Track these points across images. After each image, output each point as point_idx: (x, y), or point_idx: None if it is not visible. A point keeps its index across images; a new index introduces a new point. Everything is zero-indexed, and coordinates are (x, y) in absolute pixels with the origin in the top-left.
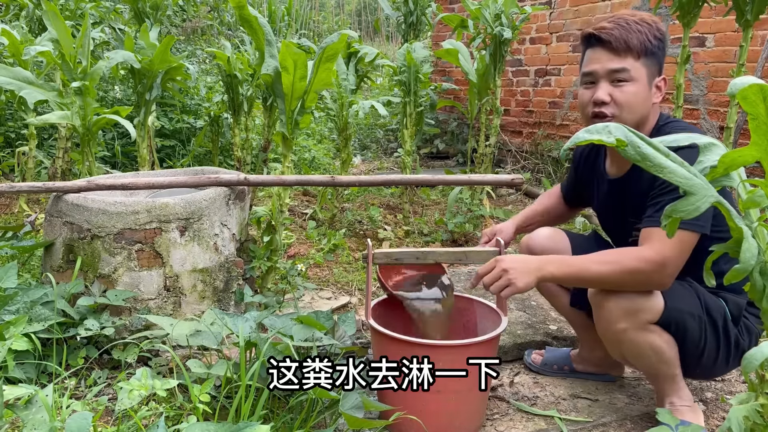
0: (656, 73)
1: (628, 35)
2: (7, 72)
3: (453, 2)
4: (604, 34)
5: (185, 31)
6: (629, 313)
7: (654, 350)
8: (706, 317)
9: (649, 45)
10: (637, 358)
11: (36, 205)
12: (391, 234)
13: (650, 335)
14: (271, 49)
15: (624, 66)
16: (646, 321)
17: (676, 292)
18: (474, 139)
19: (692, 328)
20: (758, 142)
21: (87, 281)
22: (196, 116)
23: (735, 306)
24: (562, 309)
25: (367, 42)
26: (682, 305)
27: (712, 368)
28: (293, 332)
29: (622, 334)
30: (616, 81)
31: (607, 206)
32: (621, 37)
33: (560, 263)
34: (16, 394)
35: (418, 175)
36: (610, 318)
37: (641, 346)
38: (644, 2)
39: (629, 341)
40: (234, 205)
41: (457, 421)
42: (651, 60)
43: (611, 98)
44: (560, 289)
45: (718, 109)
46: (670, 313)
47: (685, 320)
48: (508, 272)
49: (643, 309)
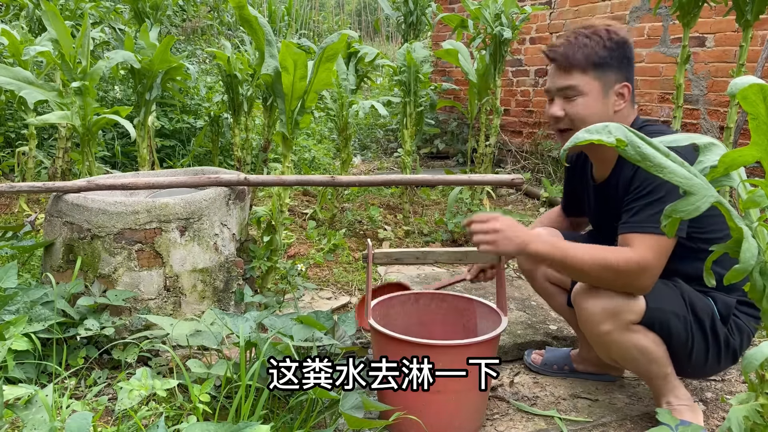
0: (615, 81)
1: (571, 52)
2: (7, 72)
3: (453, 2)
4: (551, 53)
5: (185, 31)
6: (611, 315)
7: (640, 350)
8: (691, 317)
9: (597, 58)
10: (626, 360)
11: (36, 205)
12: (391, 234)
13: (635, 335)
14: (271, 49)
15: (570, 83)
16: (628, 321)
17: (659, 292)
18: (474, 139)
19: (677, 328)
20: (758, 141)
21: (87, 281)
22: (196, 116)
23: (724, 305)
24: (559, 308)
25: (367, 42)
26: (665, 305)
27: (703, 367)
28: (293, 332)
29: (607, 336)
30: (567, 97)
31: (596, 212)
32: (565, 53)
33: (547, 244)
34: (16, 394)
35: (418, 175)
36: (592, 320)
37: (627, 347)
38: (644, 2)
39: (615, 343)
40: (234, 205)
41: (457, 421)
42: (603, 71)
43: (565, 113)
44: (557, 289)
45: (718, 109)
46: (652, 313)
47: (669, 320)
48: (497, 232)
49: (625, 310)
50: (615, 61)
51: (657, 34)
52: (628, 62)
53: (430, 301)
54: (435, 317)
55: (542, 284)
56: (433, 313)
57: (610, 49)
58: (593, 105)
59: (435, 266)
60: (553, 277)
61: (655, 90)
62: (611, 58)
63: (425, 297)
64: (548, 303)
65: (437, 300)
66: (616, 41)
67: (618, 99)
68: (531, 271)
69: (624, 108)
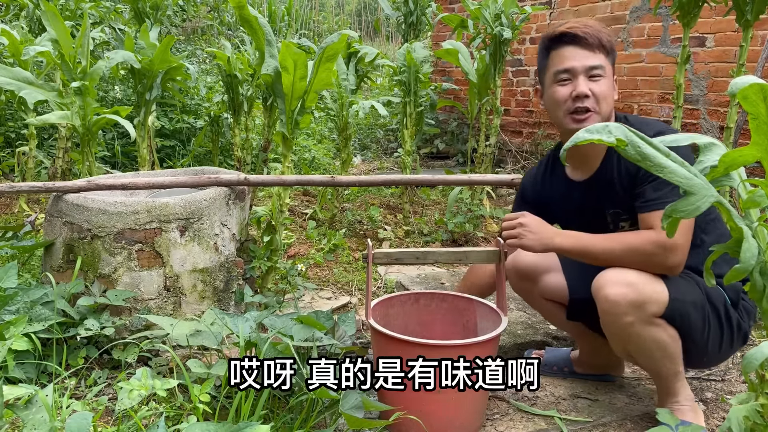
0: (613, 68)
1: (599, 33)
2: (7, 72)
3: (453, 2)
4: (580, 32)
5: (185, 31)
6: (635, 306)
7: (658, 345)
8: (708, 306)
9: (610, 45)
10: (642, 354)
11: (36, 205)
12: (391, 234)
13: (656, 329)
14: (271, 49)
15: (599, 63)
16: (651, 314)
17: (678, 284)
18: (474, 139)
19: (695, 319)
20: (759, 141)
21: (87, 281)
22: (196, 116)
23: (733, 290)
24: (560, 324)
25: (367, 42)
26: (685, 296)
27: (718, 354)
28: (293, 332)
29: (630, 328)
30: (593, 77)
31: (581, 208)
32: (594, 34)
33: (570, 236)
34: (16, 394)
35: (418, 175)
36: (616, 311)
37: (646, 340)
38: (644, 2)
39: (635, 335)
40: (234, 205)
41: (457, 421)
42: (612, 58)
43: (591, 92)
44: (554, 305)
45: (718, 109)
46: (674, 304)
47: (689, 311)
48: (523, 226)
49: (650, 301)
50: (615, 52)
51: (657, 34)
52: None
53: (430, 301)
54: (435, 317)
55: (539, 302)
56: (433, 313)
57: (611, 40)
58: (610, 86)
59: (435, 266)
60: (548, 293)
61: (655, 90)
62: (614, 48)
63: (425, 297)
64: (547, 320)
65: (437, 300)
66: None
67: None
68: (526, 291)
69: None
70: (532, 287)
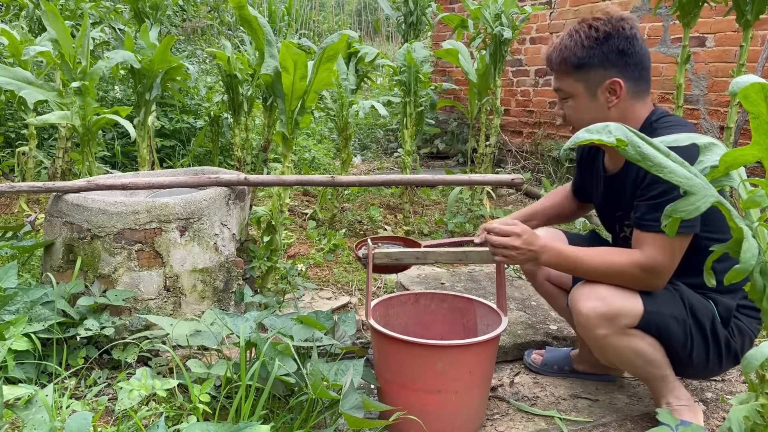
0: (602, 78)
1: (553, 56)
2: (7, 72)
3: (453, 2)
4: (546, 55)
5: (185, 31)
6: (607, 318)
7: (637, 354)
8: (691, 320)
9: (575, 59)
10: (623, 363)
11: (36, 205)
12: (391, 234)
13: (631, 339)
14: (271, 49)
15: (558, 86)
16: (624, 325)
17: (658, 296)
18: (474, 139)
19: (676, 331)
20: (759, 141)
21: (87, 281)
22: (196, 116)
23: (724, 307)
24: (560, 309)
25: (367, 42)
26: (663, 308)
27: (705, 369)
28: (293, 332)
29: (603, 340)
30: (561, 98)
31: (605, 202)
32: (548, 57)
33: (557, 254)
34: (16, 394)
35: (418, 175)
36: (588, 324)
37: (624, 351)
38: (644, 2)
39: (611, 347)
40: (234, 205)
41: (457, 421)
42: (585, 72)
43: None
44: (558, 290)
45: (719, 109)
46: (649, 316)
47: (668, 323)
48: (516, 249)
49: (621, 314)
50: (597, 59)
51: (657, 34)
52: (618, 54)
53: (430, 301)
54: (435, 317)
55: (543, 285)
56: (433, 313)
57: (589, 48)
58: (582, 106)
59: (435, 266)
60: (553, 277)
61: (656, 90)
62: (591, 57)
63: (425, 297)
64: (549, 303)
65: (437, 300)
66: (596, 38)
67: (610, 96)
68: (532, 271)
69: (620, 102)
70: (536, 269)
